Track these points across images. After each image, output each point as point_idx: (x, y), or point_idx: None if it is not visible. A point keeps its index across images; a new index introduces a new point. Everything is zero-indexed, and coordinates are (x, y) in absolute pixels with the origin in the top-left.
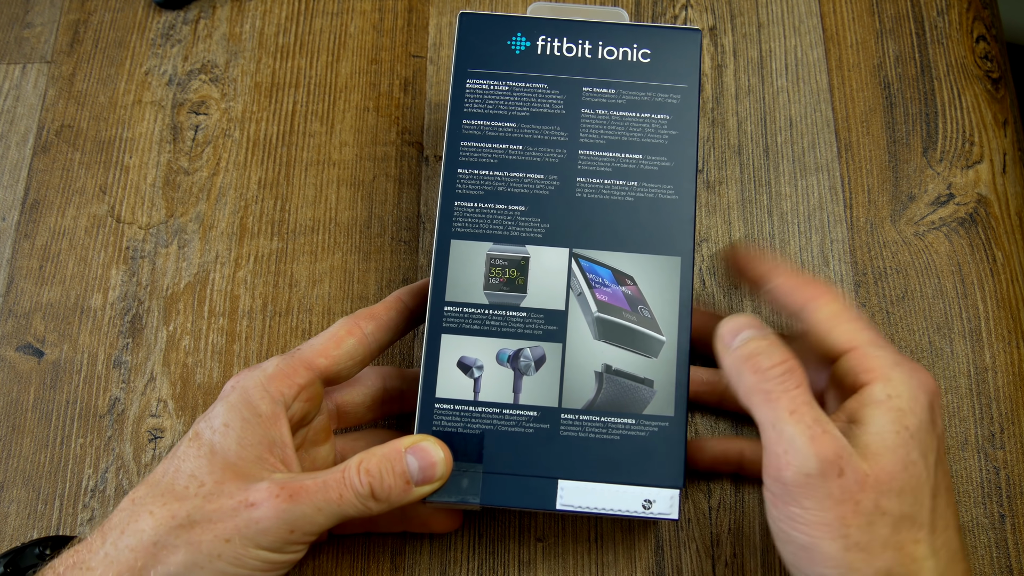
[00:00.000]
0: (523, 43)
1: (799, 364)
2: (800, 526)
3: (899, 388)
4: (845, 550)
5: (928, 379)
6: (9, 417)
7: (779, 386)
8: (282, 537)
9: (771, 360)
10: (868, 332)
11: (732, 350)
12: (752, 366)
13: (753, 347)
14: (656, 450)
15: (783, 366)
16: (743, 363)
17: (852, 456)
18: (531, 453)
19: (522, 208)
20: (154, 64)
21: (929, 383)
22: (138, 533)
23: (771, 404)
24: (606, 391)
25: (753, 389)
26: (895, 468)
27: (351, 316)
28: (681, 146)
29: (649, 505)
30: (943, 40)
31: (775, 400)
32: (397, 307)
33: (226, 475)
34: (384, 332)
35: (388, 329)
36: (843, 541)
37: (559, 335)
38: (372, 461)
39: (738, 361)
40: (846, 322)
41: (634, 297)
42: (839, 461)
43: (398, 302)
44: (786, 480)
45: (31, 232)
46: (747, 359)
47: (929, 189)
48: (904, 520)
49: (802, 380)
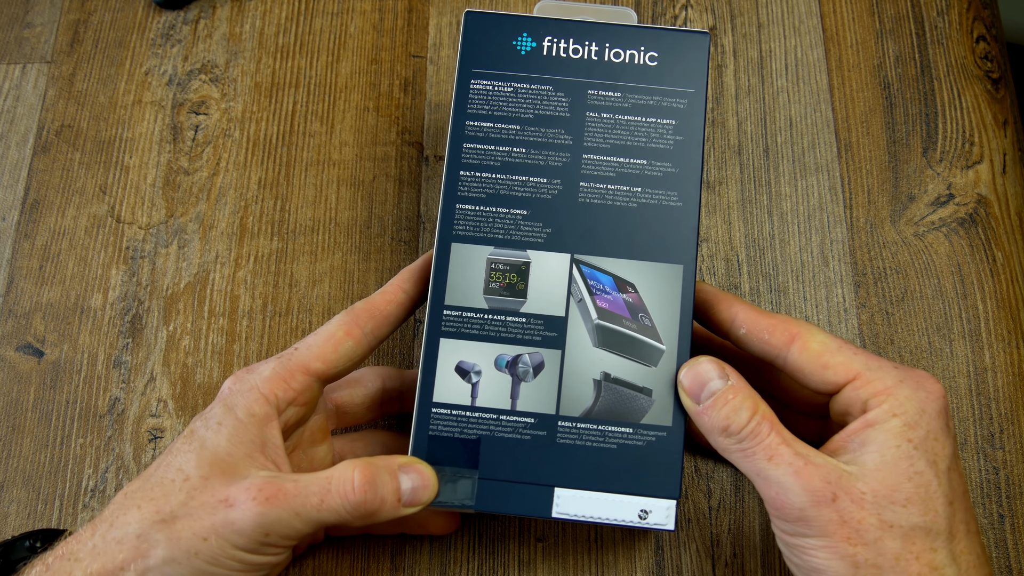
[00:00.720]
0: (529, 43)
1: (765, 407)
2: (809, 552)
3: (904, 404)
4: (855, 569)
5: (934, 387)
6: (9, 417)
7: (752, 442)
8: (257, 539)
9: (740, 421)
10: (860, 356)
11: (702, 410)
12: (724, 432)
13: (721, 410)
14: (653, 460)
15: (753, 421)
16: (716, 430)
17: (844, 478)
18: (527, 460)
19: (524, 212)
20: (154, 64)
21: (936, 391)
22: (124, 526)
23: (751, 459)
24: (604, 399)
25: (730, 451)
26: (896, 480)
27: (350, 311)
28: (686, 152)
29: (645, 515)
30: (943, 40)
31: (752, 455)
32: (398, 298)
33: (213, 470)
34: (384, 327)
35: (388, 323)
36: (851, 560)
37: (558, 341)
38: (369, 471)
39: (710, 427)
40: (837, 353)
41: (635, 305)
42: (829, 487)
43: (399, 292)
44: (786, 517)
45: (31, 232)
46: (719, 424)
47: (929, 189)
48: (916, 531)
49: (772, 424)
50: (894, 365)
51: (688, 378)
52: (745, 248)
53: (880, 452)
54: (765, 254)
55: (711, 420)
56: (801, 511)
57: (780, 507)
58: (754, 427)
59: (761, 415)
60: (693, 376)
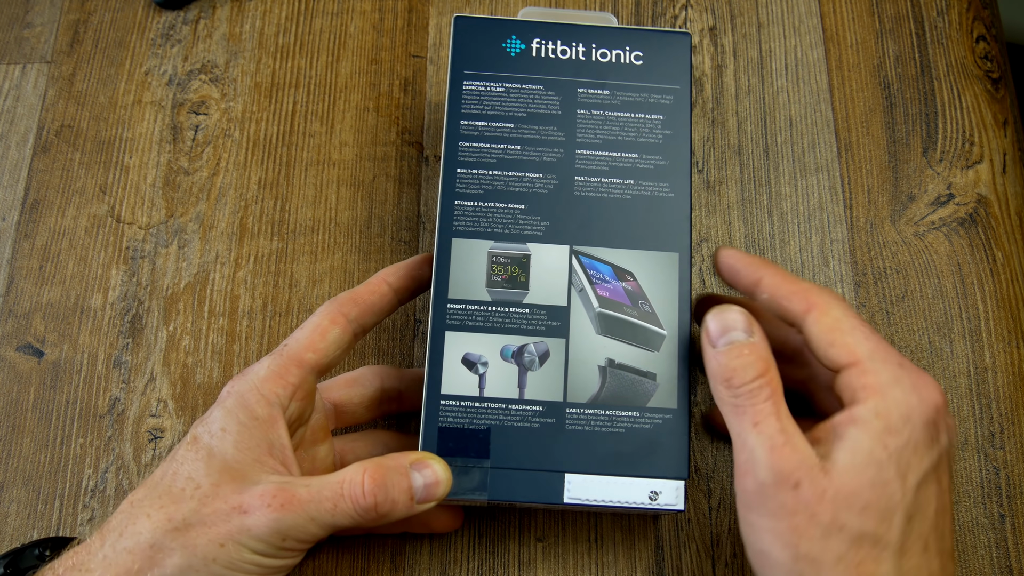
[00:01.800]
0: (518, 45)
1: (775, 375)
2: (757, 532)
3: (891, 407)
4: (794, 560)
5: (931, 393)
6: (9, 417)
7: (748, 400)
8: (274, 544)
9: (744, 377)
10: (869, 342)
11: (715, 353)
12: (726, 381)
13: (732, 360)
14: (661, 442)
15: (756, 382)
16: (719, 376)
17: (813, 469)
18: (537, 447)
19: (522, 206)
20: (154, 64)
21: (931, 398)
22: (135, 535)
23: (738, 417)
24: (610, 385)
25: (725, 402)
26: (859, 485)
27: (333, 301)
28: (675, 145)
29: (655, 496)
30: (943, 40)
31: (742, 413)
32: (381, 290)
33: (223, 478)
34: (368, 315)
35: (372, 312)
36: (792, 551)
37: (562, 330)
38: (379, 473)
39: (715, 371)
40: (847, 333)
41: (634, 292)
42: (796, 473)
43: (382, 284)
44: (746, 487)
45: (31, 232)
46: (723, 372)
47: (929, 189)
48: (865, 538)
49: (773, 392)
50: (899, 361)
51: (715, 322)
52: (745, 248)
53: (853, 452)
54: (765, 254)
55: (719, 365)
56: (761, 486)
57: (744, 474)
58: (755, 387)
59: (767, 380)
60: (720, 321)
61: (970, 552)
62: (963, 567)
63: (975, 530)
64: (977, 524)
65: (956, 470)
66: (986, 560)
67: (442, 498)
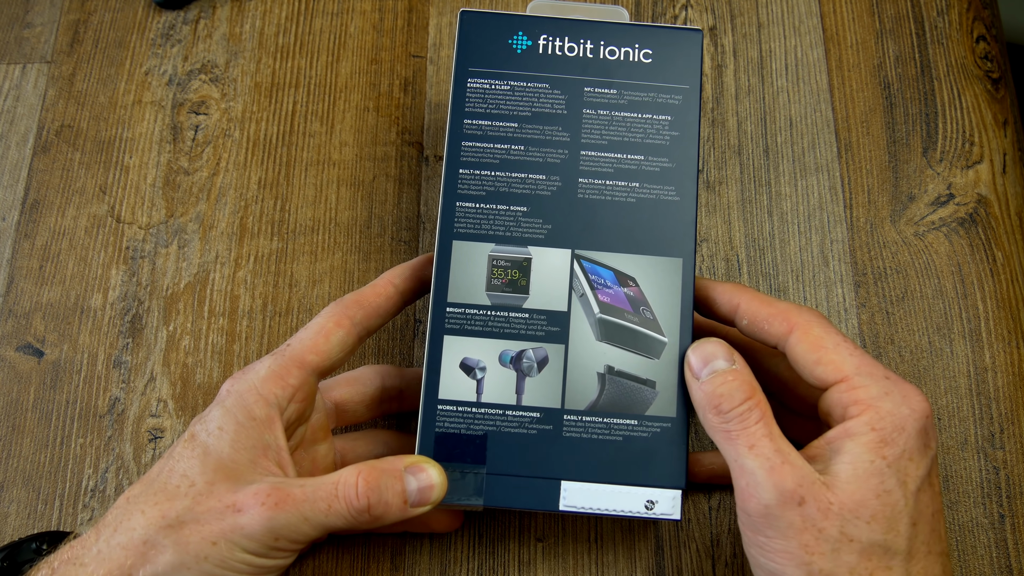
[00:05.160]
0: (524, 42)
1: (762, 398)
2: (768, 553)
3: (884, 419)
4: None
5: (919, 403)
6: (9, 417)
7: (739, 424)
8: (267, 543)
9: (733, 402)
10: (854, 358)
11: (699, 384)
12: (715, 408)
13: (718, 387)
14: (658, 451)
15: (745, 405)
16: (707, 405)
17: (815, 485)
18: (534, 454)
19: (524, 209)
20: (154, 64)
21: (920, 407)
22: (129, 531)
23: (732, 442)
24: (608, 392)
25: (716, 429)
26: (864, 496)
27: (339, 303)
28: (682, 147)
29: (652, 506)
30: (943, 40)
31: (735, 438)
32: (387, 292)
33: (217, 476)
34: (373, 318)
35: (378, 315)
36: (806, 568)
37: (561, 336)
38: (372, 475)
39: (703, 401)
40: (831, 351)
41: (636, 298)
42: (799, 490)
43: (388, 286)
44: (750, 511)
45: (31, 232)
46: (711, 401)
47: (929, 189)
48: (874, 548)
49: (763, 414)
50: (885, 374)
51: (695, 355)
52: (745, 248)
53: (853, 465)
54: (765, 254)
55: (705, 394)
56: (767, 508)
57: (747, 499)
58: (744, 410)
59: (755, 402)
60: (700, 353)
61: (970, 552)
62: (963, 567)
63: (975, 530)
64: (977, 524)
65: (956, 470)
66: (986, 560)
67: (436, 503)
